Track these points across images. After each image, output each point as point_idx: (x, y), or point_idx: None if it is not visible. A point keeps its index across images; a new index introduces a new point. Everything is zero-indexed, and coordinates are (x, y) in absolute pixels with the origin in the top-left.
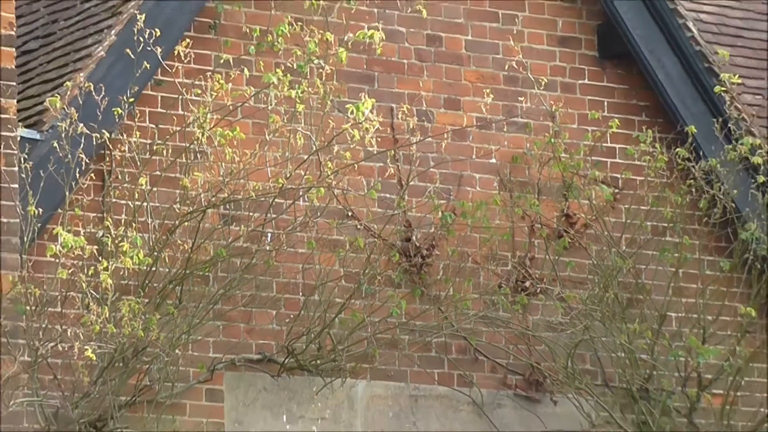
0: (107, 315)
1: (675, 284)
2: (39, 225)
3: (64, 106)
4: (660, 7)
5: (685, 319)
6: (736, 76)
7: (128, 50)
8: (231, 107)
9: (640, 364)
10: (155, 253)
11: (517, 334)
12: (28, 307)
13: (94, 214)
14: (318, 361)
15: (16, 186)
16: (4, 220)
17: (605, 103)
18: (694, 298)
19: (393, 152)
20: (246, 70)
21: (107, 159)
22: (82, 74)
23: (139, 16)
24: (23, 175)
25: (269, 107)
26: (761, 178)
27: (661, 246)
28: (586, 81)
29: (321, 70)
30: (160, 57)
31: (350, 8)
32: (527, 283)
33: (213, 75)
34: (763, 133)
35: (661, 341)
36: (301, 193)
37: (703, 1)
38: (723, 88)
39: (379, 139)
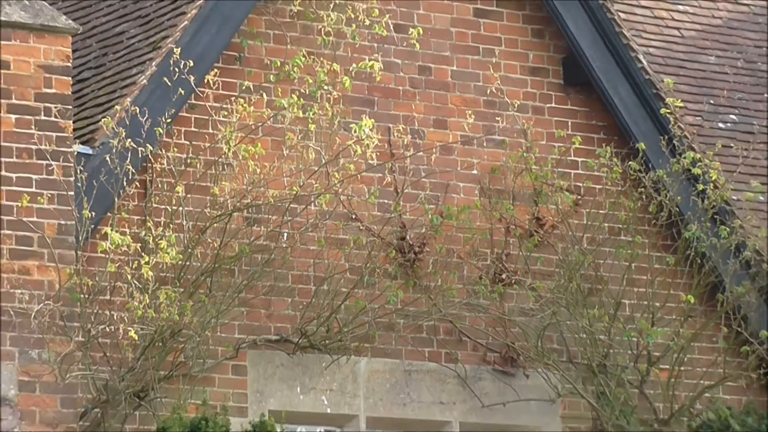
0: (148, 302)
1: (628, 276)
2: (92, 226)
3: (114, 126)
4: (615, 42)
5: (637, 305)
6: (679, 100)
7: (166, 79)
8: (253, 127)
9: (599, 344)
10: (189, 250)
11: (495, 318)
12: (81, 295)
13: (138, 217)
14: (327, 342)
15: (72, 193)
16: (62, 222)
17: (569, 123)
18: (644, 287)
19: (390, 165)
20: (265, 95)
21: (149, 170)
22: (128, 99)
23: (175, 50)
24: (79, 184)
25: (285, 126)
26: (701, 187)
27: (617, 244)
28: (553, 104)
29: (329, 96)
30: (193, 84)
31: (354, 43)
32: (504, 276)
33: (237, 99)
34: (702, 148)
35: (616, 324)
36: (312, 199)
37: (652, 38)
38: (668, 111)
39: (378, 154)
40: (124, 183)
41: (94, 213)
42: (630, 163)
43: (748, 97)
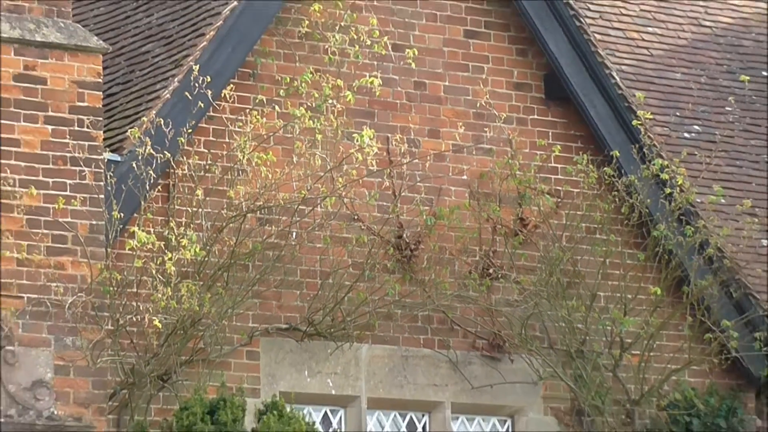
0: (171, 294)
1: (603, 271)
2: (120, 226)
3: (140, 136)
4: (591, 60)
5: (611, 297)
6: (649, 113)
7: (187, 93)
8: (265, 136)
9: (577, 332)
10: (207, 248)
11: (483, 308)
12: (111, 288)
13: (162, 218)
14: (332, 330)
15: (103, 196)
16: (94, 222)
17: (550, 133)
18: (617, 281)
19: (388, 170)
20: (276, 108)
21: (172, 176)
22: (152, 111)
23: (195, 68)
24: (108, 188)
25: (294, 136)
26: (668, 190)
27: (593, 242)
28: (535, 116)
29: (334, 108)
30: (210, 98)
31: (356, 61)
32: (491, 270)
33: (251, 112)
34: (669, 156)
35: (592, 314)
36: (318, 202)
37: (624, 57)
38: (639, 122)
39: (378, 161)
40: (149, 187)
41: (122, 214)
42: (604, 169)
43: (710, 110)
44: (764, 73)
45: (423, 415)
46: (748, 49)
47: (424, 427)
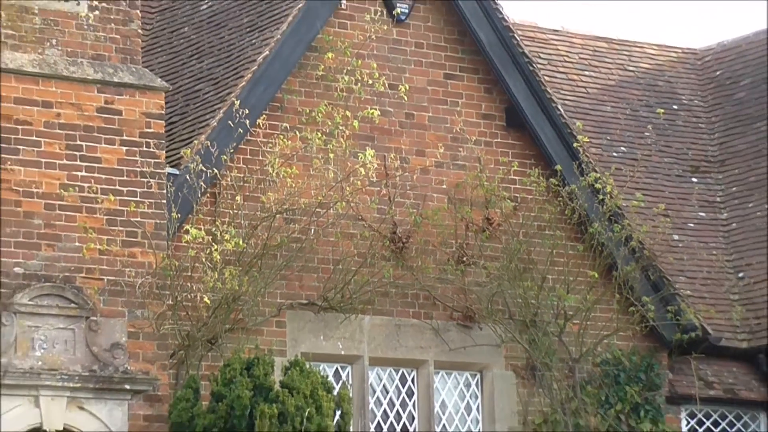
0: (217, 277)
1: (551, 259)
2: (178, 224)
3: (192, 155)
4: (541, 96)
5: (557, 279)
6: (586, 137)
7: (230, 122)
8: (289, 155)
9: (530, 306)
10: (245, 241)
11: (458, 288)
12: (171, 272)
13: (209, 218)
14: (341, 304)
15: (164, 202)
16: (158, 221)
17: (510, 153)
18: (562, 266)
19: (385, 181)
20: (298, 133)
21: (217, 185)
22: (203, 136)
23: (236, 102)
24: (168, 196)
25: (312, 155)
26: (600, 197)
27: (543, 237)
28: (498, 140)
29: (343, 133)
30: (248, 126)
31: (360, 97)
32: (464, 258)
33: (279, 136)
34: (601, 170)
35: (542, 292)
36: (331, 206)
37: (567, 93)
38: (578, 144)
39: (377, 174)
40: (200, 195)
41: (179, 215)
42: (551, 180)
43: (633, 135)
44: (675, 107)
45: (411, 371)
46: (662, 88)
47: (412, 380)
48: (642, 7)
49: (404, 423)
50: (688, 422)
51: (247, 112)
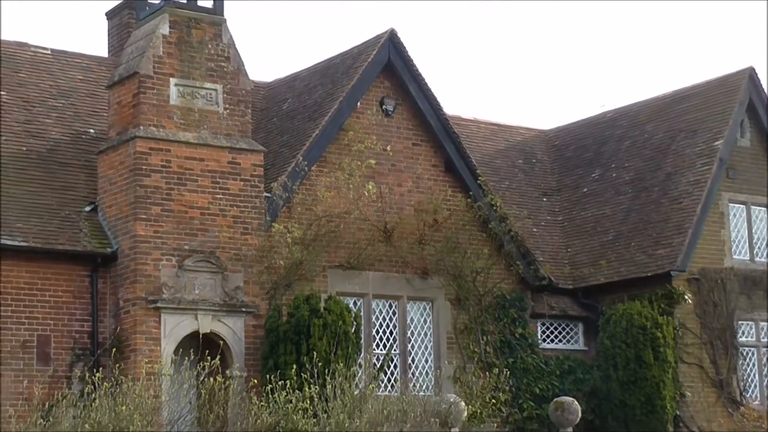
0: (290, 250)
1: (470, 242)
2: (269, 223)
3: (277, 187)
4: (463, 155)
5: (473, 251)
6: (485, 177)
7: (296, 169)
8: (326, 189)
9: (458, 266)
10: (304, 232)
11: (420, 257)
12: (266, 249)
13: (286, 220)
14: (357, 265)
15: (263, 211)
16: (259, 222)
17: (447, 185)
18: (474, 246)
19: (380, 201)
20: (334, 176)
21: (290, 202)
22: (283, 176)
23: (300, 158)
24: (265, 208)
25: (341, 185)
26: (494, 209)
27: (464, 230)
28: (441, 178)
29: (357, 173)
30: (306, 171)
31: (366, 154)
32: (423, 241)
33: (323, 176)
34: (494, 194)
35: (464, 259)
36: (351, 213)
37: (475, 152)
38: (482, 180)
39: (375, 196)
40: (280, 208)
41: (270, 218)
42: (468, 199)
43: (512, 172)
44: (533, 160)
45: (395, 301)
46: (524, 149)
47: (395, 306)
48: (510, 94)
49: (391, 329)
50: (541, 329)
51: (306, 163)
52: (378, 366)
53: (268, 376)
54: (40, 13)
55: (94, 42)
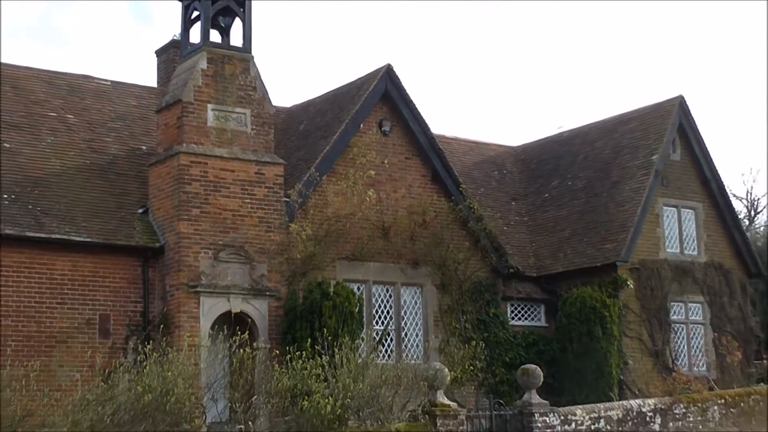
0: (305, 244)
1: (452, 238)
2: (287, 223)
3: (294, 193)
4: (447, 167)
5: (455, 245)
6: (464, 184)
7: (309, 179)
8: (334, 195)
9: (442, 257)
10: (316, 230)
11: (411, 250)
12: (286, 244)
13: (301, 220)
14: (360, 257)
15: (283, 212)
16: (279, 221)
17: (432, 191)
18: (456, 241)
19: (378, 205)
20: (343, 183)
21: (306, 206)
22: (299, 185)
23: (313, 170)
24: (284, 211)
25: (347, 192)
26: (472, 211)
27: (447, 228)
28: (428, 186)
29: (360, 182)
30: (319, 180)
31: (369, 166)
32: (413, 237)
33: (332, 185)
34: (474, 198)
35: (447, 252)
36: (355, 214)
37: (456, 165)
38: (462, 187)
39: (375, 200)
40: (296, 210)
41: (288, 219)
42: (450, 203)
43: (488, 183)
44: (504, 171)
45: (391, 287)
46: (496, 161)
47: (392, 291)
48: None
49: (387, 309)
50: (510, 309)
51: (318, 174)
52: (377, 339)
53: (287, 347)
54: (103, 51)
55: (146, 75)
